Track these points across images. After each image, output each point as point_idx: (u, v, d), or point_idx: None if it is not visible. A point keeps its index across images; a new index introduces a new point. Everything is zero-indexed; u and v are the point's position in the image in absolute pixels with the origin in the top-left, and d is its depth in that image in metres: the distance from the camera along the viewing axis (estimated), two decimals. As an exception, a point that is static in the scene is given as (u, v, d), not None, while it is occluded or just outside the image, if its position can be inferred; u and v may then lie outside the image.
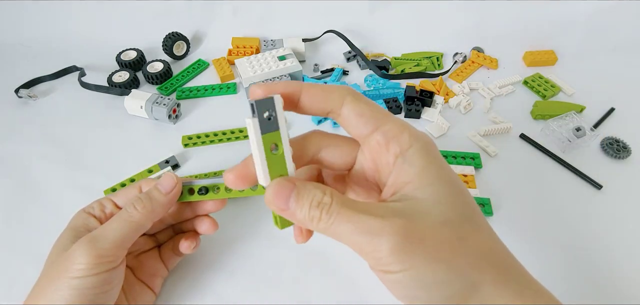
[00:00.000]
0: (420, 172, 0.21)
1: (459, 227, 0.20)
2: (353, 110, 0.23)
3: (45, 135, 0.54)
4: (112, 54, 0.65)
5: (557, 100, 0.58)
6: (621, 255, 0.39)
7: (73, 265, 0.27)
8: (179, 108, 0.55)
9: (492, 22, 0.67)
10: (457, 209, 0.21)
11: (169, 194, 0.31)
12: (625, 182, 0.46)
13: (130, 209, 0.30)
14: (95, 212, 0.32)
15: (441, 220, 0.20)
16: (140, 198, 0.30)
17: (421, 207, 0.20)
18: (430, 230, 0.20)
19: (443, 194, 0.21)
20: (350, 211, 0.20)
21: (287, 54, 0.60)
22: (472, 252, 0.20)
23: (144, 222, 0.30)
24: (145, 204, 0.30)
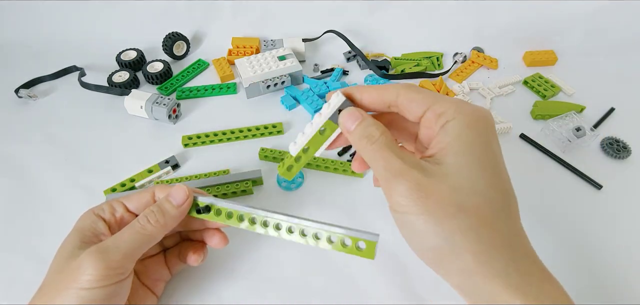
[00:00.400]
0: (453, 141, 0.24)
1: (465, 197, 0.22)
2: (406, 98, 0.27)
3: (45, 135, 0.54)
4: (112, 54, 0.65)
5: (557, 100, 0.58)
6: (621, 255, 0.39)
7: (82, 276, 0.27)
8: (179, 108, 0.55)
9: (492, 22, 0.67)
10: (473, 182, 0.23)
11: (181, 207, 0.31)
12: (625, 182, 0.46)
13: (143, 221, 0.30)
14: (105, 215, 0.31)
15: (453, 186, 0.23)
16: (153, 211, 0.30)
17: (441, 171, 0.23)
18: (438, 191, 0.23)
19: (466, 164, 0.23)
20: (387, 150, 0.25)
21: (287, 54, 0.60)
22: (467, 221, 0.22)
23: (156, 235, 0.30)
24: (158, 217, 0.30)
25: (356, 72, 0.64)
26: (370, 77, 0.62)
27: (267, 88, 0.58)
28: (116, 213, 0.32)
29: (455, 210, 0.22)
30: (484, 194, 0.23)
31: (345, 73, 0.64)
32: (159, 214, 0.30)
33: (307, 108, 0.56)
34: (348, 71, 0.64)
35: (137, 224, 0.30)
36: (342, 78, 0.63)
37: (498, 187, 0.24)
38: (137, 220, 0.30)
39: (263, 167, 0.48)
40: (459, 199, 0.22)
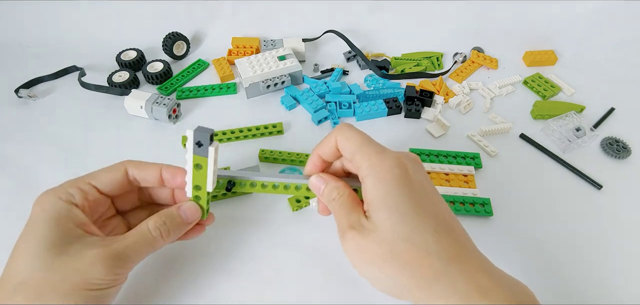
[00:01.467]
0: (372, 199, 0.28)
1: (394, 246, 0.26)
2: (341, 137, 0.31)
3: (45, 135, 0.54)
4: (112, 54, 0.65)
5: (557, 100, 0.58)
6: (621, 255, 0.39)
7: (94, 280, 0.27)
8: (179, 108, 0.55)
9: (492, 22, 0.67)
10: (397, 231, 0.26)
11: (190, 225, 0.32)
12: (625, 182, 0.46)
13: (156, 234, 0.30)
14: (76, 200, 0.30)
15: (382, 239, 0.27)
16: (166, 224, 0.30)
17: (372, 226, 0.27)
18: (372, 245, 0.27)
19: (386, 219, 0.27)
20: (340, 210, 0.30)
21: (287, 54, 0.60)
22: (401, 264, 0.26)
23: (163, 245, 0.31)
24: (170, 233, 0.31)
25: (356, 72, 0.64)
26: (370, 77, 0.62)
27: (267, 88, 0.58)
28: (89, 196, 0.31)
29: (389, 257, 0.26)
30: (408, 239, 0.26)
31: (345, 73, 0.64)
32: (172, 230, 0.31)
33: (307, 108, 0.56)
34: (348, 71, 0.64)
35: (150, 235, 0.30)
36: (342, 78, 0.63)
37: (420, 230, 0.26)
38: (149, 230, 0.30)
39: (262, 167, 0.48)
40: (389, 248, 0.26)
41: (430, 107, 0.56)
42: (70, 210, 0.29)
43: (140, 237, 0.29)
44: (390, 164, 0.28)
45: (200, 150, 0.30)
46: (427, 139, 0.52)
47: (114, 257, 0.27)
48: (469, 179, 0.46)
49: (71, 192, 0.30)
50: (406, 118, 0.55)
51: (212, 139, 0.30)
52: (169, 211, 0.31)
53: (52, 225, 0.28)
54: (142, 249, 0.29)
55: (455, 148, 0.50)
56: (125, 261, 0.28)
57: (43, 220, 0.28)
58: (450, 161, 0.48)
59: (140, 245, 0.29)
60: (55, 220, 0.28)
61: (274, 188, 0.34)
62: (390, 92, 0.58)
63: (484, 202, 0.43)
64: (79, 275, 0.26)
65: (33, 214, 0.29)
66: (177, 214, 0.31)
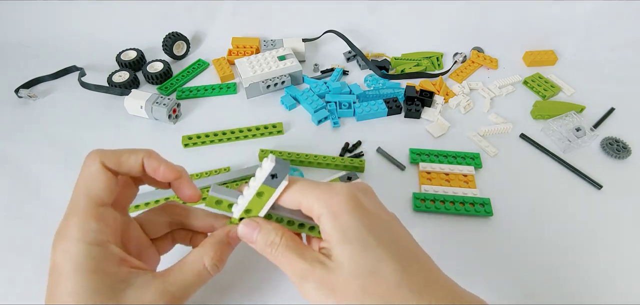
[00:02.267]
0: (330, 236, 0.26)
1: (364, 280, 0.24)
2: (283, 198, 0.28)
3: (45, 135, 0.54)
4: (112, 54, 0.65)
5: (557, 100, 0.58)
6: (621, 255, 0.39)
7: (143, 298, 0.25)
8: (179, 108, 0.55)
9: (492, 22, 0.67)
10: (363, 265, 0.25)
11: (235, 245, 0.30)
12: (625, 182, 0.46)
13: (213, 271, 0.28)
14: (107, 236, 0.26)
15: (351, 273, 0.25)
16: (222, 257, 0.29)
17: (335, 263, 0.25)
18: (340, 283, 0.25)
19: (349, 253, 0.25)
20: (289, 252, 0.27)
21: (287, 54, 0.60)
22: (373, 299, 0.24)
23: None
24: (220, 267, 0.29)
25: (356, 72, 0.64)
26: (370, 77, 0.62)
27: (267, 88, 0.58)
28: (116, 224, 0.28)
29: (361, 294, 0.24)
30: (376, 272, 0.24)
31: (345, 73, 0.64)
32: (226, 257, 0.29)
33: (307, 108, 0.56)
34: (348, 71, 0.64)
35: (204, 271, 0.28)
36: (342, 78, 0.63)
37: (386, 260, 0.25)
38: (205, 266, 0.28)
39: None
40: (360, 284, 0.24)
41: (430, 107, 0.56)
42: (105, 250, 0.25)
43: (195, 271, 0.28)
44: (341, 197, 0.27)
45: (273, 182, 0.27)
46: (427, 139, 0.52)
47: (172, 296, 0.26)
48: (469, 179, 0.46)
49: (94, 232, 0.25)
50: (406, 118, 0.55)
51: (284, 174, 0.28)
52: (220, 240, 0.29)
53: (91, 279, 0.24)
54: (198, 283, 0.28)
55: (455, 148, 0.50)
56: (182, 298, 0.27)
57: (77, 272, 0.24)
58: (450, 161, 0.48)
59: (196, 279, 0.28)
60: (93, 268, 0.24)
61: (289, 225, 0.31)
62: (390, 92, 0.58)
63: (484, 202, 0.43)
64: (132, 298, 0.24)
65: (61, 270, 0.24)
66: (226, 239, 0.29)
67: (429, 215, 0.42)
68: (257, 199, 0.28)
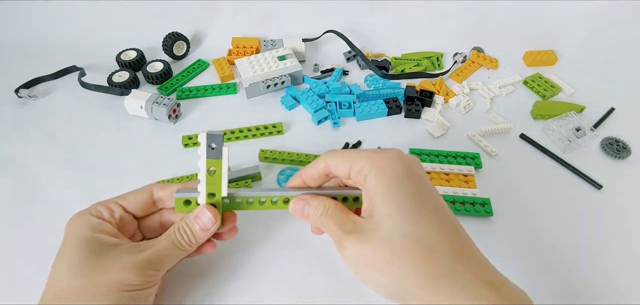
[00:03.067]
0: (373, 195, 0.27)
1: (396, 244, 0.25)
2: (332, 163, 0.31)
3: (45, 135, 0.54)
4: (112, 54, 0.65)
5: (557, 100, 0.58)
6: (621, 255, 0.39)
7: (128, 281, 0.28)
8: (179, 108, 0.55)
9: (492, 22, 0.67)
10: (399, 227, 0.26)
11: (208, 230, 0.31)
12: (625, 182, 0.46)
13: (178, 237, 0.31)
14: (104, 216, 0.31)
15: (383, 237, 0.26)
16: (186, 232, 0.31)
17: (372, 225, 0.27)
18: (372, 246, 0.26)
19: (388, 215, 0.26)
20: (330, 222, 0.29)
21: (287, 54, 0.60)
22: (404, 263, 0.25)
23: (187, 252, 0.32)
24: (190, 239, 0.31)
25: (356, 72, 0.64)
26: (370, 77, 0.62)
27: (267, 88, 0.58)
28: (115, 214, 0.32)
29: (391, 257, 0.25)
30: (411, 235, 0.25)
31: (345, 73, 0.64)
32: (191, 237, 0.31)
33: (307, 108, 0.56)
34: (348, 71, 0.64)
35: (174, 237, 0.31)
36: (342, 78, 0.63)
37: (422, 224, 0.26)
38: (174, 234, 0.31)
39: (262, 167, 0.48)
40: (390, 246, 0.25)
41: (430, 107, 0.56)
42: (102, 224, 0.31)
43: (166, 239, 0.31)
44: (392, 159, 0.28)
45: (214, 152, 0.30)
46: (427, 139, 0.52)
47: (145, 262, 0.29)
48: (469, 179, 0.46)
49: (100, 209, 0.32)
50: (406, 118, 0.55)
51: (222, 141, 0.30)
52: (187, 217, 0.31)
53: (86, 239, 0.29)
54: (171, 252, 0.30)
55: (455, 148, 0.50)
56: (155, 265, 0.30)
57: (76, 236, 0.30)
58: (450, 161, 0.48)
59: (169, 248, 0.30)
60: (89, 234, 0.29)
61: (273, 204, 0.33)
62: (390, 92, 0.58)
63: (484, 202, 0.43)
64: (115, 281, 0.28)
65: (66, 234, 0.30)
66: (194, 221, 0.31)
67: (429, 215, 0.42)
68: (212, 177, 0.30)
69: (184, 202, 0.32)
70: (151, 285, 0.30)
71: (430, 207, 0.27)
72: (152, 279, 0.30)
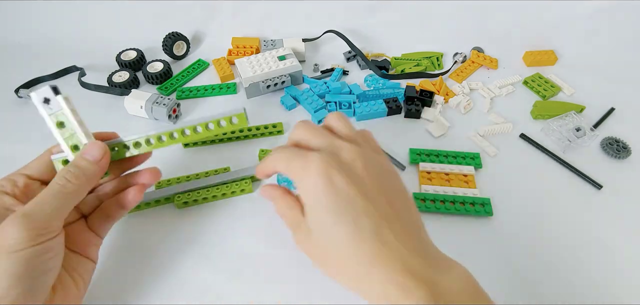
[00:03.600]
0: (304, 205, 0.30)
1: (321, 251, 0.30)
2: (270, 163, 0.33)
3: (45, 135, 0.53)
4: (112, 54, 0.65)
5: (557, 100, 0.58)
6: (621, 255, 0.39)
7: (8, 241, 0.26)
8: (179, 108, 0.55)
9: (492, 22, 0.67)
10: (320, 241, 0.29)
11: (99, 162, 0.31)
12: (625, 182, 0.46)
13: (61, 181, 0.29)
14: (7, 189, 0.31)
15: (314, 243, 0.30)
16: (70, 170, 0.30)
17: (307, 230, 0.30)
18: (310, 246, 0.31)
19: (314, 227, 0.30)
20: (282, 211, 0.33)
21: (287, 54, 0.60)
22: (330, 268, 0.30)
23: (79, 193, 0.30)
24: (77, 174, 0.30)
25: (356, 72, 0.64)
26: (370, 77, 0.62)
27: (267, 88, 0.58)
28: (18, 183, 0.31)
29: (324, 261, 0.30)
30: (328, 248, 0.29)
31: (345, 73, 0.64)
32: (77, 171, 0.30)
33: (307, 108, 0.56)
34: (348, 71, 0.64)
35: (56, 184, 0.29)
36: (342, 78, 0.63)
37: (337, 239, 0.28)
38: (55, 180, 0.29)
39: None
40: (321, 253, 0.30)
41: (430, 107, 0.56)
42: (1, 197, 0.30)
43: (48, 189, 0.29)
44: (313, 181, 0.29)
45: (52, 106, 0.30)
46: (427, 139, 0.52)
47: (25, 216, 0.27)
48: (469, 179, 0.46)
49: (2, 183, 0.32)
50: (406, 118, 0.55)
51: (57, 91, 0.29)
52: (75, 157, 0.31)
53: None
54: (55, 199, 0.29)
55: (455, 148, 0.50)
56: (37, 214, 0.28)
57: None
58: (450, 161, 0.48)
59: (49, 195, 0.29)
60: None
61: (160, 141, 0.33)
62: (390, 92, 0.58)
63: (484, 202, 0.43)
64: (1, 243, 0.26)
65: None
66: (81, 157, 0.31)
67: (429, 215, 0.42)
68: (65, 129, 0.31)
69: (62, 163, 0.32)
70: (41, 239, 0.27)
71: (346, 219, 0.27)
72: (39, 231, 0.27)
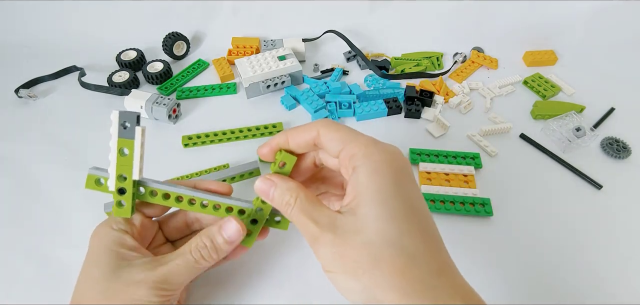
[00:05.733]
0: (363, 190, 0.25)
1: (378, 250, 0.23)
2: (325, 136, 0.27)
3: (45, 135, 0.54)
4: (112, 54, 0.65)
5: (557, 100, 0.58)
6: (621, 255, 0.39)
7: (142, 301, 0.27)
8: (179, 108, 0.55)
9: (492, 22, 0.67)
10: (385, 233, 0.23)
11: (233, 244, 0.30)
12: (625, 182, 0.46)
13: (196, 256, 0.29)
14: (125, 227, 0.31)
15: (366, 240, 0.23)
16: (207, 246, 0.29)
17: (355, 224, 0.24)
18: (351, 249, 0.24)
19: (376, 216, 0.24)
20: (302, 216, 0.26)
21: (287, 54, 0.60)
22: (382, 274, 0.23)
23: (208, 267, 0.30)
24: (211, 254, 0.30)
25: (356, 72, 0.64)
26: (370, 77, 0.62)
27: (267, 88, 0.58)
28: (135, 221, 0.31)
29: (371, 266, 0.23)
30: (396, 243, 0.23)
31: (345, 73, 0.64)
32: (212, 252, 0.29)
33: (307, 108, 0.56)
34: (348, 71, 0.64)
35: (190, 257, 0.29)
36: (342, 78, 0.63)
37: (411, 233, 0.23)
38: (191, 253, 0.29)
39: (262, 167, 0.48)
40: (372, 252, 0.23)
41: (430, 107, 0.56)
42: (122, 237, 0.30)
43: (181, 260, 0.29)
44: (389, 156, 0.25)
45: (127, 132, 0.28)
46: (427, 139, 0.52)
47: (160, 282, 0.28)
48: (469, 179, 0.46)
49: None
50: (406, 118, 0.55)
51: (138, 121, 0.29)
52: (210, 231, 0.30)
53: (108, 253, 0.29)
54: (185, 272, 0.29)
55: (455, 148, 0.50)
56: (169, 284, 0.28)
57: (99, 248, 0.29)
58: (450, 161, 0.48)
59: (184, 267, 0.29)
60: (110, 247, 0.29)
61: (191, 205, 0.31)
62: (390, 92, 0.58)
63: (484, 202, 0.43)
64: (131, 298, 0.27)
65: (91, 245, 0.30)
66: (218, 233, 0.30)
67: (429, 215, 0.42)
68: (124, 158, 0.29)
69: (95, 181, 0.30)
70: (167, 302, 0.29)
71: (419, 215, 0.24)
72: (168, 298, 0.29)
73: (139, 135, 0.29)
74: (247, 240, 0.31)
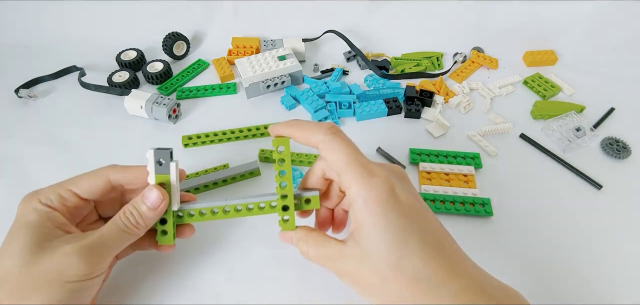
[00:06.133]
0: (361, 224, 0.27)
1: (384, 273, 0.26)
2: (327, 148, 0.29)
3: (45, 135, 0.54)
4: (112, 54, 0.65)
5: (557, 100, 0.58)
6: (621, 255, 0.39)
7: (69, 271, 0.27)
8: (179, 108, 0.55)
9: (492, 22, 0.67)
10: (386, 260, 0.26)
11: (157, 210, 0.31)
12: (625, 182, 0.46)
13: (125, 221, 0.30)
14: (55, 204, 0.31)
15: (372, 268, 0.27)
16: (133, 213, 0.30)
17: (360, 253, 0.27)
18: (361, 276, 0.28)
19: (376, 245, 0.27)
20: (320, 258, 0.30)
21: (287, 54, 0.60)
22: (391, 292, 0.26)
23: (137, 235, 0.31)
24: (138, 220, 0.30)
25: (356, 72, 0.64)
26: (370, 77, 0.62)
27: (267, 88, 0.58)
28: (67, 202, 0.31)
29: (380, 288, 0.27)
30: (397, 267, 0.26)
31: (345, 73, 0.64)
32: (138, 218, 0.30)
33: (307, 108, 0.56)
34: (348, 71, 0.64)
35: (120, 222, 0.30)
36: (342, 78, 0.63)
37: (408, 256, 0.26)
38: (120, 218, 0.30)
39: (262, 167, 0.48)
40: (380, 276, 0.26)
41: (430, 107, 0.56)
42: (50, 213, 0.30)
43: (112, 225, 0.30)
44: (379, 190, 0.27)
45: (162, 168, 0.31)
46: (427, 139, 0.52)
47: (88, 248, 0.28)
48: (469, 179, 0.46)
49: (51, 197, 0.31)
50: (406, 118, 0.55)
51: (172, 156, 0.31)
52: (135, 200, 0.31)
53: (33, 227, 0.29)
54: (117, 237, 0.30)
55: (455, 148, 0.50)
56: (100, 251, 0.29)
57: (24, 222, 0.29)
58: (450, 161, 0.48)
59: (114, 233, 0.30)
60: (36, 222, 0.29)
61: (237, 211, 0.32)
62: (390, 92, 0.58)
63: (484, 202, 0.43)
64: (56, 269, 0.27)
65: (17, 216, 0.30)
66: (141, 201, 0.31)
67: (429, 215, 0.42)
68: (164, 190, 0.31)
69: None
70: (95, 274, 0.29)
71: (415, 234, 0.27)
72: (96, 267, 0.29)
73: (174, 170, 0.31)
74: (284, 225, 0.32)
